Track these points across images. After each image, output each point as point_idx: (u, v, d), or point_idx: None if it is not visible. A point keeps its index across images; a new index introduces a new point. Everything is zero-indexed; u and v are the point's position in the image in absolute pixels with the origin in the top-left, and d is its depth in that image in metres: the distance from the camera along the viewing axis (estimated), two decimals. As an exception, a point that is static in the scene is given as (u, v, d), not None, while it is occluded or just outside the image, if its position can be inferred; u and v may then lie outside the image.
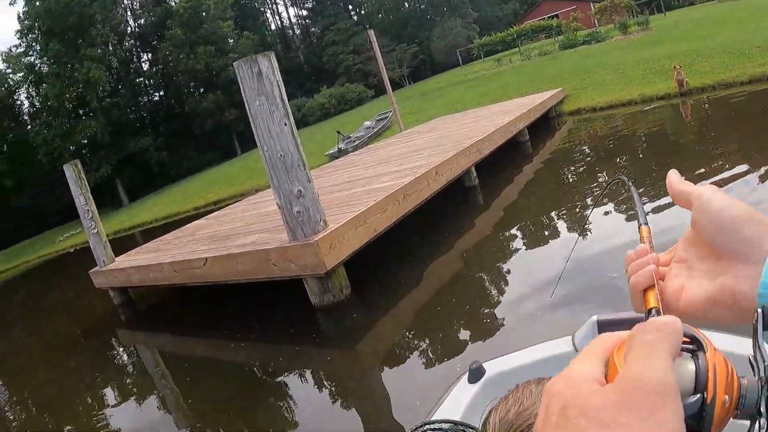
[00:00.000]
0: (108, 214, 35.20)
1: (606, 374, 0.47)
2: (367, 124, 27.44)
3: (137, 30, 60.14)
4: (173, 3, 58.28)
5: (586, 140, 12.87)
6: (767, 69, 13.32)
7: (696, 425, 0.45)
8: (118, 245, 11.97)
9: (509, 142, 12.07)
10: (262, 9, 74.72)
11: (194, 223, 11.59)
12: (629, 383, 0.43)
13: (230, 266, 6.90)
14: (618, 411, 0.42)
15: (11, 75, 51.55)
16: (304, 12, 76.38)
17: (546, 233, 7.10)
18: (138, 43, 60.27)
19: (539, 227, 7.58)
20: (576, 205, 7.86)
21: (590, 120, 15.10)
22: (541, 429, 0.46)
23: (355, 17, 73.02)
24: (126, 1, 58.56)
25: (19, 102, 54.08)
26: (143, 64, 60.96)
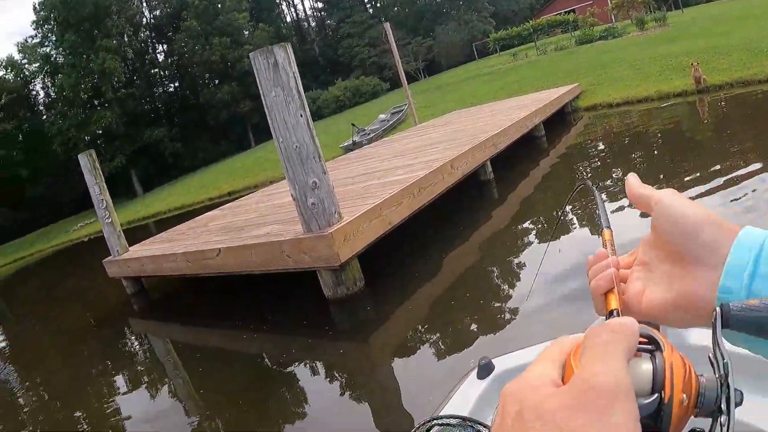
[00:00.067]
0: (122, 204, 35.34)
1: (563, 377, 0.48)
2: (382, 117, 27.36)
3: (152, 21, 60.37)
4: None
5: (602, 136, 12.77)
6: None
7: (654, 424, 0.46)
8: (132, 235, 12.02)
9: (525, 137, 11.99)
10: (278, 1, 74.81)
11: (208, 214, 11.61)
12: (582, 385, 0.44)
13: (244, 257, 6.90)
14: (571, 413, 0.42)
15: (27, 65, 51.95)
16: (320, 4, 76.35)
17: (561, 228, 7.04)
18: (153, 35, 60.50)
19: (554, 221, 7.52)
20: (591, 200, 7.79)
21: (606, 116, 14.98)
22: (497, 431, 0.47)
23: (371, 10, 72.93)
24: (141, -8, 58.84)
25: (35, 92, 54.48)
26: (158, 55, 61.25)
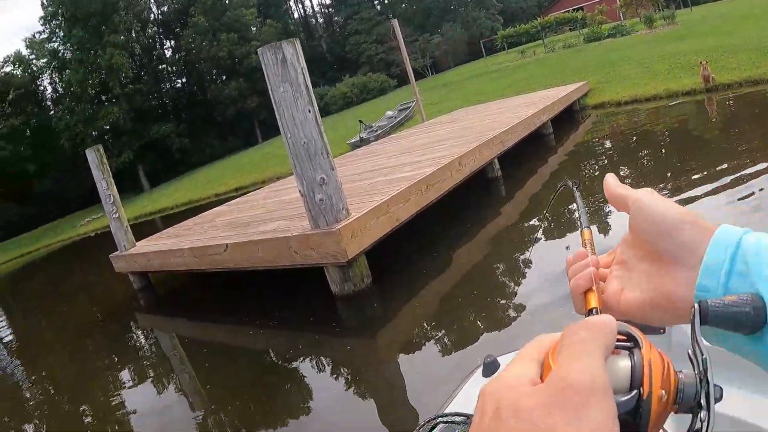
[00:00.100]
0: (129, 200, 35.37)
1: (542, 375, 0.47)
2: (390, 114, 27.31)
3: (160, 17, 60.51)
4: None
5: (610, 134, 12.72)
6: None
7: (633, 421, 0.46)
8: (139, 230, 12.01)
9: (533, 135, 11.94)
10: (286, -3, 74.75)
11: (215, 210, 11.62)
12: (559, 382, 0.43)
13: (251, 253, 6.89)
14: (548, 411, 0.42)
15: (35, 61, 52.10)
16: (328, 0, 76.35)
17: (570, 225, 7.01)
18: (161, 30, 60.63)
19: (562, 219, 7.49)
20: (599, 197, 7.76)
21: (614, 114, 14.91)
22: (475, 431, 0.46)
23: (379, 6, 72.73)
24: (149, -11, 58.92)
25: (43, 88, 54.74)
26: (166, 51, 61.43)
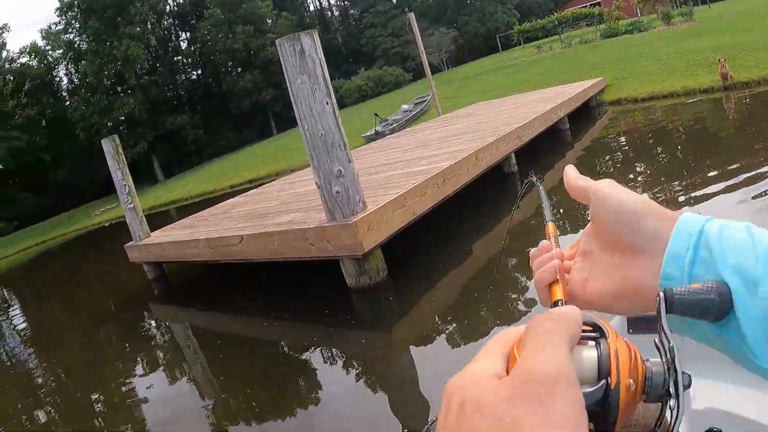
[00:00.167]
0: (143, 190, 35.50)
1: (508, 368, 0.47)
2: (405, 108, 27.20)
3: (176, 9, 60.66)
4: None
5: (627, 131, 12.62)
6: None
7: (602, 411, 0.45)
8: (153, 221, 12.03)
9: (549, 130, 11.87)
10: (301, -10, 74.67)
11: (230, 201, 11.62)
12: (523, 375, 0.42)
13: (266, 244, 6.88)
14: (512, 403, 0.41)
15: (51, 52, 52.41)
16: (343, -6, 76.22)
17: (587, 221, 6.97)
18: (176, 22, 60.79)
19: (580, 214, 7.44)
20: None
21: (631, 111, 14.78)
22: (441, 428, 0.45)
23: (394, 0, 72.61)
24: (165, -20, 59.05)
25: (58, 78, 55.18)
26: (181, 43, 61.64)
